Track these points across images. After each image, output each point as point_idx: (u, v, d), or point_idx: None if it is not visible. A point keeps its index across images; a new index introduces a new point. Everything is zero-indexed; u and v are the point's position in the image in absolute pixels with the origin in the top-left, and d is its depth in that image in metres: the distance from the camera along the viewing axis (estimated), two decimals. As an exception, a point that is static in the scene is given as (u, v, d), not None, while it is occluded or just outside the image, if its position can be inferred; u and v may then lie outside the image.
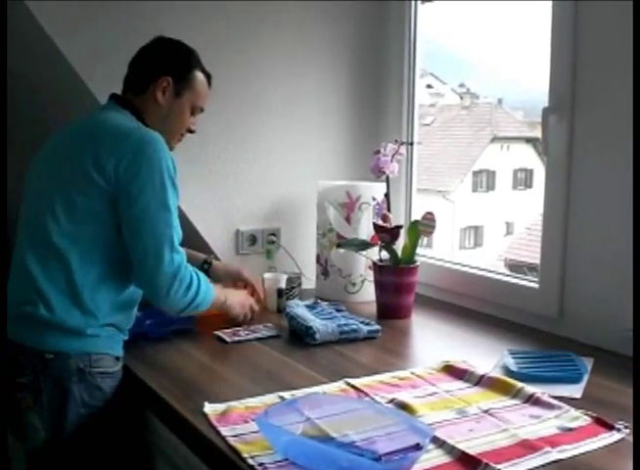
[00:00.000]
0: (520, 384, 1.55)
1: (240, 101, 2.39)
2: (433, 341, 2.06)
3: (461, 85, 9.93)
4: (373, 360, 1.83)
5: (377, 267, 2.24)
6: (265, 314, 2.18)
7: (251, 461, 1.23)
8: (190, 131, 1.91)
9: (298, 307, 2.08)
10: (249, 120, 2.42)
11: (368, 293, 2.36)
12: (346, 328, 1.95)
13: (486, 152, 9.87)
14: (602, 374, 1.67)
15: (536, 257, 2.12)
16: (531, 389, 1.53)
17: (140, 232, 1.63)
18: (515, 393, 1.53)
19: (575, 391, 1.56)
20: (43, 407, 1.60)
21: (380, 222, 2.26)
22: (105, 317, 1.65)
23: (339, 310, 2.12)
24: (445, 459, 1.24)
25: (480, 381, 1.60)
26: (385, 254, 2.24)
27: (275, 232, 2.53)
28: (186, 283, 1.67)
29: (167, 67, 1.80)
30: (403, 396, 1.52)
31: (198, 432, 1.38)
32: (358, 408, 1.41)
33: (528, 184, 9.85)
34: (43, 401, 1.60)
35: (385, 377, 1.65)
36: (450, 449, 1.27)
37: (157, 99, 1.79)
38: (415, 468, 1.19)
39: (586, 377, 1.64)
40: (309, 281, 2.49)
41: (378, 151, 2.33)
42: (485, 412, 1.44)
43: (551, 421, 1.39)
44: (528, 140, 9.51)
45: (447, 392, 1.56)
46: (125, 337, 1.76)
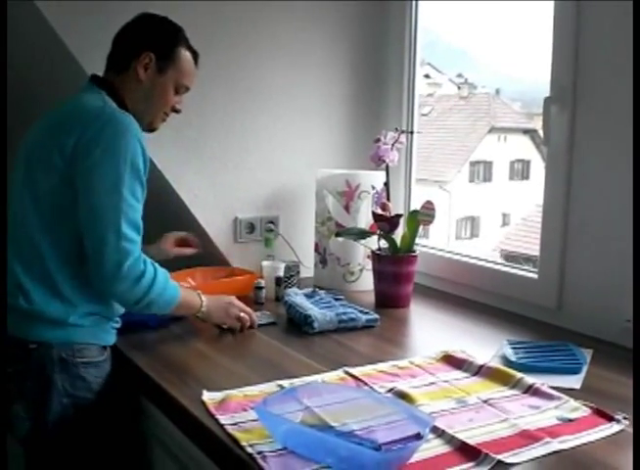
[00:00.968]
0: (519, 374, 1.55)
1: (240, 89, 2.37)
2: (431, 330, 2.05)
3: (459, 75, 9.90)
4: (372, 349, 1.82)
5: (375, 256, 2.23)
6: (264, 303, 2.17)
7: (250, 450, 1.23)
8: (175, 111, 1.82)
9: (297, 296, 2.07)
10: (248, 108, 2.41)
11: (366, 282, 2.35)
12: (345, 317, 1.94)
13: (484, 142, 9.85)
14: (601, 365, 1.67)
15: (532, 248, 2.11)
16: (531, 379, 1.53)
17: (87, 216, 1.57)
18: (514, 383, 1.52)
19: (575, 382, 1.56)
20: (27, 397, 1.59)
21: (379, 211, 2.25)
22: (85, 306, 1.61)
23: (337, 299, 2.11)
24: (445, 449, 1.24)
25: (480, 371, 1.60)
26: (383, 243, 2.23)
27: (274, 220, 2.52)
28: (135, 274, 1.57)
29: (150, 42, 1.72)
30: (402, 385, 1.51)
31: (196, 420, 1.38)
32: (357, 397, 1.40)
33: (525, 175, 9.85)
34: (26, 391, 1.59)
35: (383, 366, 1.64)
36: (450, 439, 1.27)
37: (138, 76, 1.71)
38: (415, 458, 1.19)
39: (585, 368, 1.64)
40: (307, 270, 2.49)
41: (378, 139, 2.32)
42: (485, 402, 1.44)
43: (551, 412, 1.39)
44: (526, 131, 9.49)
45: (446, 381, 1.55)
46: (116, 324, 1.73)
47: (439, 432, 1.29)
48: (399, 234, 2.27)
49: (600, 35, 1.85)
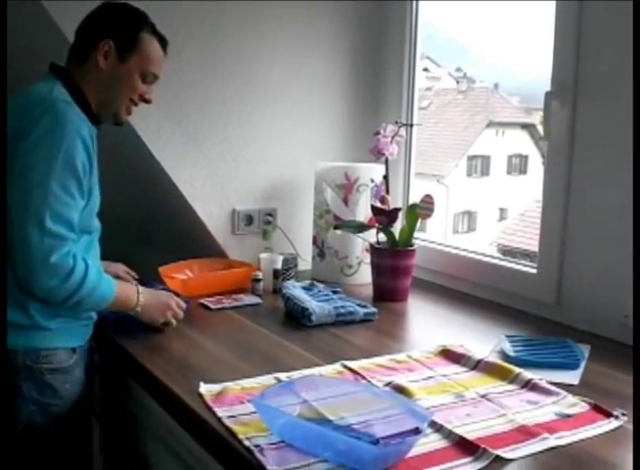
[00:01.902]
0: (517, 369, 1.55)
1: (239, 81, 2.36)
2: (429, 324, 2.05)
3: (458, 69, 9.90)
4: (369, 343, 1.82)
5: (374, 250, 2.23)
6: (261, 295, 2.17)
7: (248, 442, 1.22)
8: (145, 101, 1.73)
9: (295, 289, 2.06)
10: (247, 100, 2.39)
11: (364, 275, 2.34)
12: (343, 310, 1.93)
13: (482, 137, 9.86)
14: (599, 361, 1.66)
15: (529, 243, 2.11)
16: (529, 374, 1.52)
17: (12, 207, 1.49)
18: (512, 378, 1.52)
19: (573, 377, 1.56)
20: None
21: (378, 204, 2.24)
22: (48, 309, 1.55)
23: (335, 292, 2.10)
24: (443, 444, 1.24)
25: (478, 365, 1.60)
26: (382, 236, 2.23)
27: (272, 212, 2.51)
28: (64, 270, 1.49)
29: (109, 30, 1.64)
30: (400, 379, 1.51)
31: (193, 413, 1.37)
32: (355, 391, 1.40)
33: (523, 170, 9.86)
34: None
35: (381, 360, 1.64)
36: (448, 434, 1.26)
37: (99, 64, 1.63)
38: (412, 452, 1.18)
39: (583, 364, 1.64)
40: (305, 262, 2.48)
41: (377, 132, 2.30)
42: (483, 397, 1.43)
43: (549, 407, 1.39)
44: (524, 126, 9.50)
45: (444, 376, 1.55)
46: (89, 321, 1.68)
47: (437, 426, 1.28)
48: (398, 228, 2.26)
49: (602, 31, 1.84)
